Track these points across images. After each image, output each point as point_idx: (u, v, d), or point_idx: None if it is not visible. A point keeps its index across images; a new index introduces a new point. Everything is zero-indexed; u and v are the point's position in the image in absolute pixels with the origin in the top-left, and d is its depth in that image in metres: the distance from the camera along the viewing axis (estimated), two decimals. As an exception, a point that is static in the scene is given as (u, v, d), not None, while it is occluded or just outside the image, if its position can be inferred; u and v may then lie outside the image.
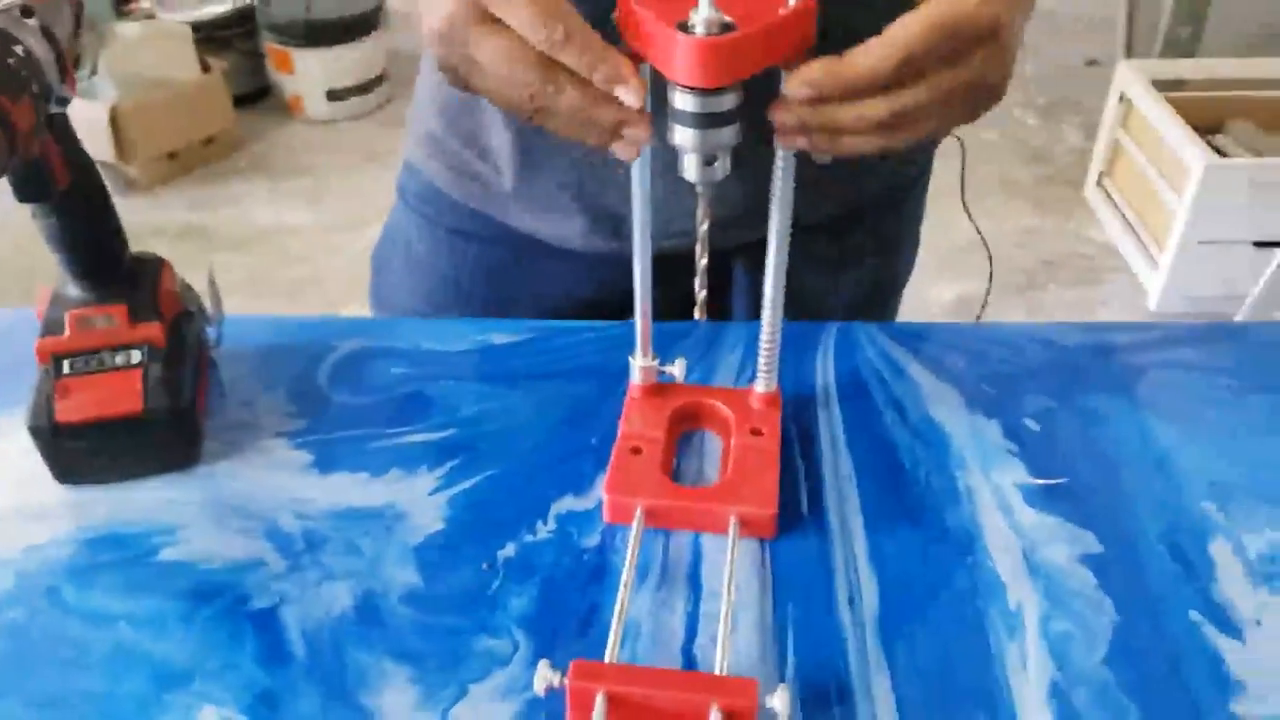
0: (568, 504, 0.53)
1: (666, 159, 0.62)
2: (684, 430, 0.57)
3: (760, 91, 0.43)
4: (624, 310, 0.55)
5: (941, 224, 1.02)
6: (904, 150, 0.66)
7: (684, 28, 0.40)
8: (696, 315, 0.53)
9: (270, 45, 2.73)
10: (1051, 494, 0.53)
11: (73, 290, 0.54)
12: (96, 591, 0.49)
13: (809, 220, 0.68)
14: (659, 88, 0.42)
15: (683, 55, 0.40)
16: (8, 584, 0.49)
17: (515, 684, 0.44)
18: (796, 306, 0.71)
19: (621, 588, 0.46)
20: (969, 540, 0.51)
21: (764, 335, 0.54)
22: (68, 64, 0.46)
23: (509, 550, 0.50)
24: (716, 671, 0.43)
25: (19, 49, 0.41)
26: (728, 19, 0.40)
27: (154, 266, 0.57)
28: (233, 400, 0.60)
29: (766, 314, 0.53)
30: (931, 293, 2.16)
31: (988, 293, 0.91)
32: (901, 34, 0.39)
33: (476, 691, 0.44)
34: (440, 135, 0.69)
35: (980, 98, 0.42)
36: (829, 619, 0.47)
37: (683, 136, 0.43)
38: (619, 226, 0.65)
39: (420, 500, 0.53)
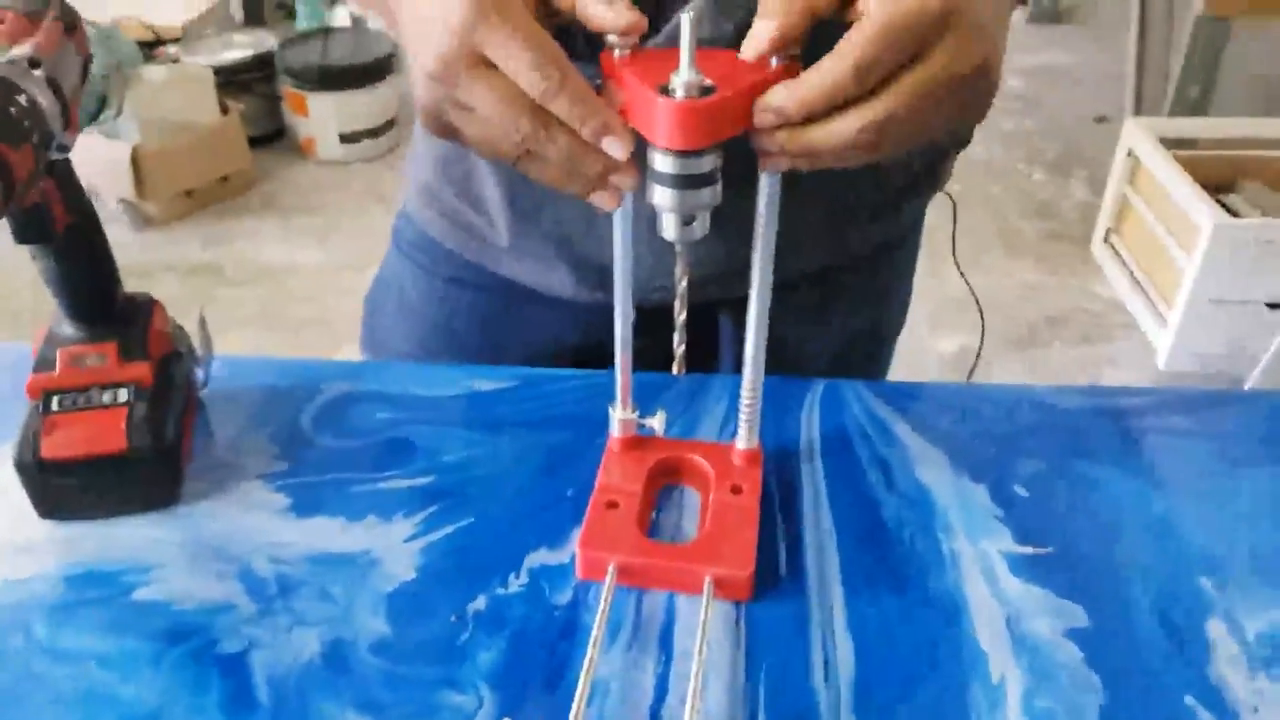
0: (541, 557, 0.52)
1: (650, 215, 0.63)
2: (664, 484, 0.57)
3: (742, 149, 0.43)
4: (613, 358, 0.55)
5: (940, 275, 1.01)
6: (894, 197, 0.67)
7: (665, 91, 0.40)
8: (675, 370, 0.53)
9: (287, 89, 2.78)
10: (1039, 563, 0.53)
11: (67, 329, 0.55)
12: (69, 630, 0.48)
13: (792, 274, 0.68)
14: (639, 147, 0.43)
15: (662, 118, 0.40)
16: (-21, 621, 0.49)
17: (479, 740, 0.44)
18: (778, 356, 0.71)
19: (590, 645, 0.46)
20: (952, 608, 0.50)
21: (745, 392, 0.54)
22: (72, 113, 0.47)
23: (479, 603, 0.50)
24: (683, 734, 0.42)
25: (22, 99, 0.42)
26: (708, 82, 0.40)
27: (146, 307, 0.57)
28: (218, 441, 0.60)
29: (748, 371, 0.53)
30: (931, 344, 2.16)
31: (979, 351, 0.91)
32: (849, 44, 0.38)
33: (440, 747, 0.44)
34: (435, 185, 0.70)
35: (960, 91, 0.40)
36: (803, 685, 0.46)
37: (662, 197, 0.43)
38: (605, 278, 0.65)
39: (395, 547, 0.53)
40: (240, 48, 2.84)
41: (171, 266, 2.37)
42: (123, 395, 0.53)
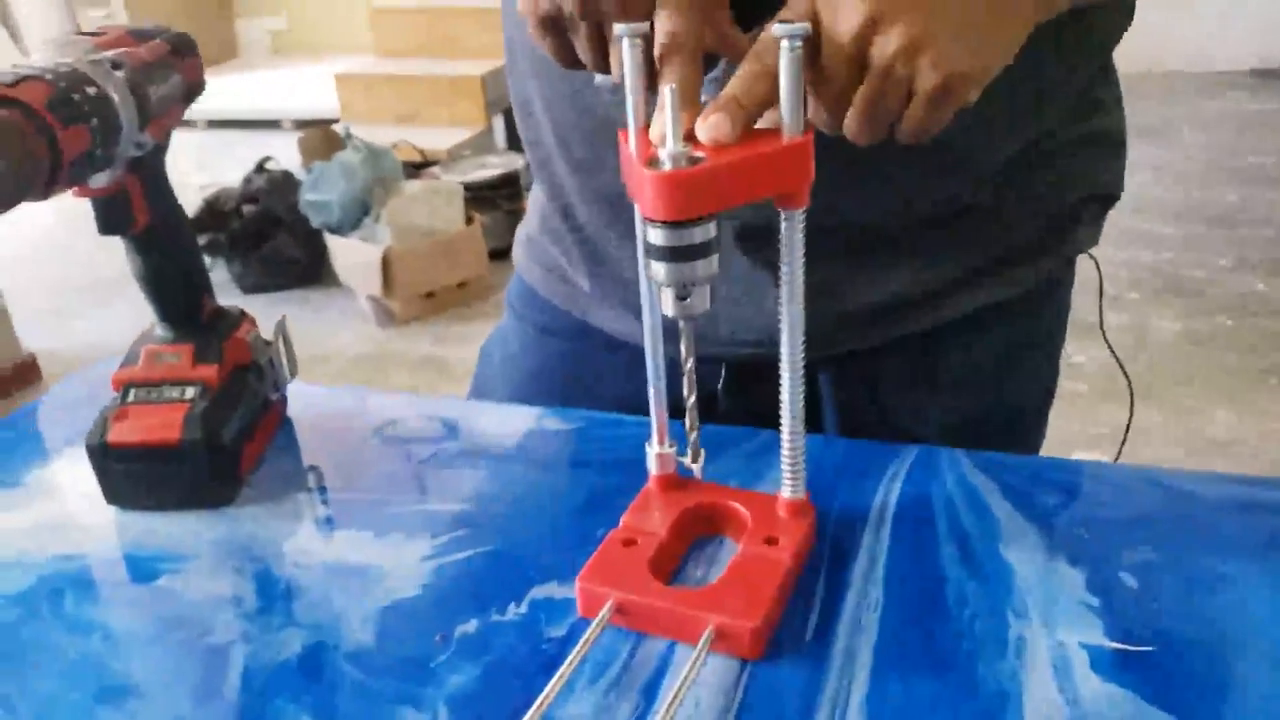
0: (548, 590, 0.49)
1: (725, 265, 0.60)
2: (700, 533, 0.52)
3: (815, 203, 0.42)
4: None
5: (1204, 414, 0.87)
6: (1011, 255, 0.60)
7: (653, 163, 0.39)
8: (688, 460, 0.49)
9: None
10: (1131, 663, 0.42)
11: (158, 330, 0.59)
12: (89, 603, 0.50)
13: (892, 334, 0.62)
14: None
15: (646, 189, 0.39)
16: (27, 584, 0.52)
17: (417, 762, 0.40)
18: (881, 428, 0.64)
19: (555, 678, 0.41)
20: (1000, 701, 0.41)
21: (785, 437, 0.48)
22: (164, 121, 0.51)
23: (470, 626, 0.47)
24: (622, 785, 0.36)
25: (91, 90, 0.46)
26: (699, 154, 0.39)
27: (234, 319, 0.61)
28: (290, 455, 0.62)
29: (785, 412, 0.47)
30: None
31: (1128, 426, 0.77)
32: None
33: (376, 762, 0.40)
34: (536, 235, 0.71)
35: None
36: (793, 759, 0.39)
37: (655, 270, 0.41)
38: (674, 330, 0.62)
39: (408, 565, 0.51)
40: (492, 168, 3.09)
41: (402, 359, 2.56)
42: (189, 393, 0.56)
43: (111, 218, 0.52)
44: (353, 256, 2.67)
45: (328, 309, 2.81)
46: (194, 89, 0.56)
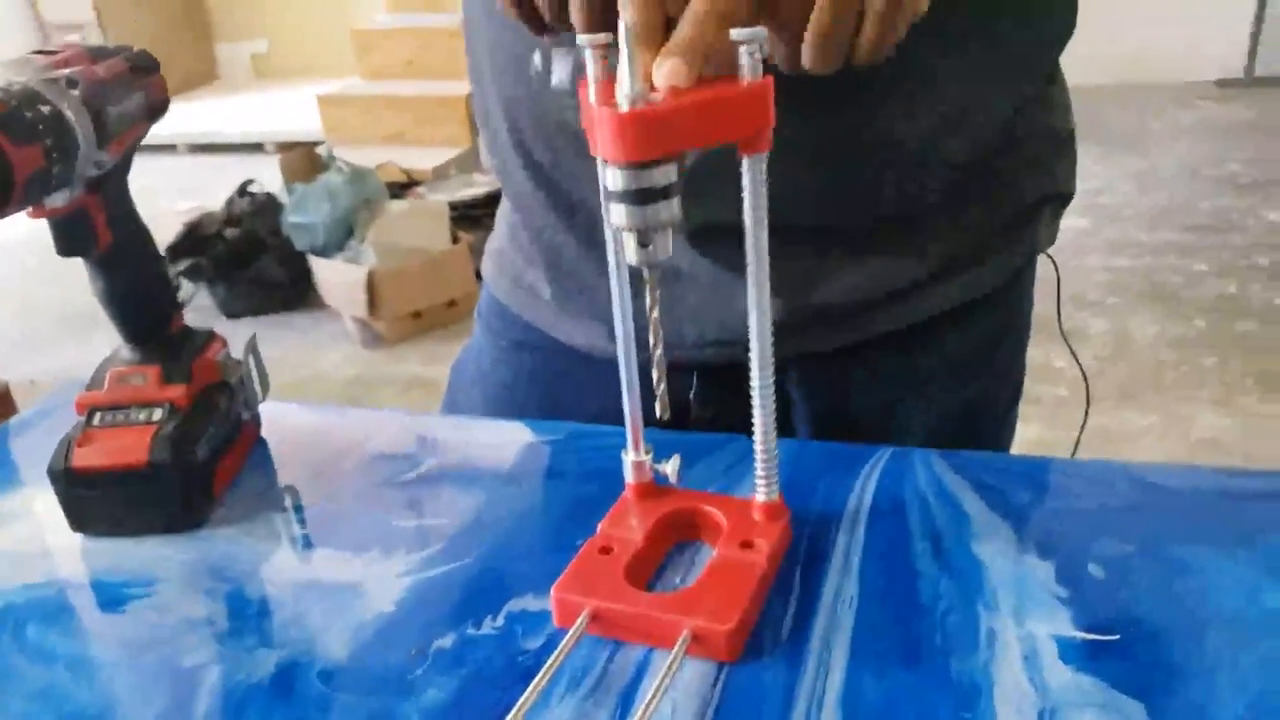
0: (524, 603, 0.48)
1: (688, 267, 0.60)
2: (677, 539, 0.51)
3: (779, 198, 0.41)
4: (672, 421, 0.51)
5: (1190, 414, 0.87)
6: (975, 251, 0.61)
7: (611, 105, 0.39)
8: (658, 411, 0.48)
9: (513, 221, 2.99)
10: (1099, 652, 0.42)
11: (124, 352, 0.58)
12: (55, 632, 0.49)
13: (870, 332, 0.62)
14: None
15: (603, 129, 0.39)
16: (-7, 615, 0.51)
17: (390, 777, 0.39)
18: (855, 437, 0.64)
19: (530, 688, 0.41)
20: (972, 693, 0.41)
21: (758, 438, 0.48)
22: (114, 136, 0.51)
23: (446, 640, 0.46)
24: (594, 792, 0.36)
25: (45, 109, 0.46)
26: (656, 95, 0.39)
27: (203, 338, 0.60)
28: (264, 474, 0.61)
29: (758, 415, 0.47)
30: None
31: (1082, 429, 0.78)
32: None
33: (349, 779, 0.40)
34: (505, 249, 0.72)
35: None
36: (768, 760, 0.39)
37: (616, 214, 0.41)
38: (645, 335, 0.62)
39: (385, 581, 0.51)
40: (478, 186, 3.10)
41: (390, 380, 2.56)
42: (157, 414, 0.55)
43: (71, 239, 0.52)
44: (337, 278, 2.67)
45: (313, 332, 2.80)
46: (157, 107, 0.56)
